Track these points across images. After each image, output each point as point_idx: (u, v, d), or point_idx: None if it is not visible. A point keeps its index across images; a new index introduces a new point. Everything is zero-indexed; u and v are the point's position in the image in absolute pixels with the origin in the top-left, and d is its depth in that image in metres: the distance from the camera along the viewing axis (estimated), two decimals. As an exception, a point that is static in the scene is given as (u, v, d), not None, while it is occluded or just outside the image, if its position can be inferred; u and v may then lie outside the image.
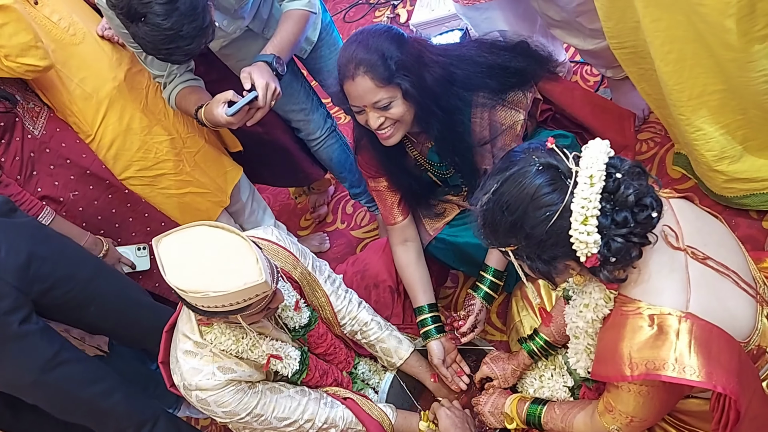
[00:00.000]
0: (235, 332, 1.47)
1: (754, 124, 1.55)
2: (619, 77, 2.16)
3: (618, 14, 1.58)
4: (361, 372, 1.79)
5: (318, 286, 1.67)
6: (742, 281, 1.16)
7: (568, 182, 1.05)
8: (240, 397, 1.48)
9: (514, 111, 1.60)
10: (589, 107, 1.85)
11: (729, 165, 1.65)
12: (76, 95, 1.83)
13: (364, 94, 1.49)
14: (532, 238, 1.08)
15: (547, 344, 1.54)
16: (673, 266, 1.12)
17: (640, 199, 1.05)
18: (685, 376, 1.04)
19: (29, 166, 1.80)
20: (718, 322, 1.08)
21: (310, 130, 2.15)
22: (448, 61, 1.55)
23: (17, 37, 1.63)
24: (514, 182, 1.09)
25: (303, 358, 1.60)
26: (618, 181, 1.04)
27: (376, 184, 1.79)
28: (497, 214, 1.11)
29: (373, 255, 1.95)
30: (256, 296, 1.31)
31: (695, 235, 1.16)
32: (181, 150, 2.01)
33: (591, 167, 1.04)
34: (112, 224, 1.99)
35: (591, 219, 1.03)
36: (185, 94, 1.77)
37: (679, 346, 1.05)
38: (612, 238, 1.04)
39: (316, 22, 1.95)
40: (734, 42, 1.36)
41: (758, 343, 1.16)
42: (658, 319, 1.07)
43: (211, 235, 1.34)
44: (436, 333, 1.74)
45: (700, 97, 1.54)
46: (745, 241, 1.73)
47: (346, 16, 3.60)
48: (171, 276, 1.28)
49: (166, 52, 1.52)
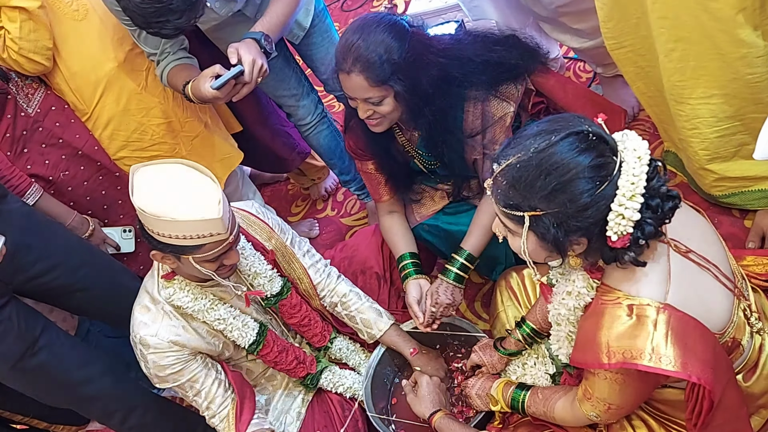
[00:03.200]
0: (194, 291, 1.53)
1: (752, 130, 1.57)
2: (609, 74, 2.19)
3: (619, 13, 1.59)
4: (336, 348, 1.81)
5: (294, 258, 1.71)
6: (721, 275, 1.19)
7: (615, 158, 1.06)
8: (175, 366, 1.52)
9: (506, 103, 1.62)
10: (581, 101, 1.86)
11: (720, 164, 1.68)
12: (75, 72, 1.83)
13: (356, 89, 1.51)
14: (571, 206, 1.06)
15: (533, 332, 1.56)
16: (655, 258, 1.14)
17: (669, 190, 1.09)
18: (661, 365, 1.06)
19: (20, 144, 1.80)
20: (695, 314, 1.11)
21: (301, 116, 2.16)
22: (446, 62, 1.54)
23: (35, 34, 1.70)
24: (568, 145, 1.06)
25: (261, 329, 1.63)
26: (656, 170, 1.07)
27: (363, 165, 1.82)
28: (536, 174, 1.07)
29: (361, 241, 1.97)
30: (210, 235, 1.36)
31: (679, 229, 1.18)
32: (178, 133, 2.01)
33: (639, 148, 1.05)
34: (101, 205, 1.99)
35: (637, 197, 1.04)
36: (176, 71, 1.77)
37: (656, 336, 1.07)
38: (645, 221, 1.06)
39: (309, 8, 1.96)
40: (745, 37, 1.39)
41: (733, 335, 1.20)
42: (636, 309, 1.10)
43: (185, 172, 1.41)
44: (415, 274, 1.75)
45: (700, 98, 1.56)
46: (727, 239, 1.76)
47: (344, 5, 3.60)
48: (137, 197, 1.35)
49: (157, 26, 1.53)
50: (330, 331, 1.80)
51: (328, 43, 2.03)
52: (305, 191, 2.79)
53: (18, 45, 1.68)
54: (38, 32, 1.71)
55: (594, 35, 2.02)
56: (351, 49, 1.47)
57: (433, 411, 1.58)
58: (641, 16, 1.56)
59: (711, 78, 1.52)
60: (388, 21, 1.50)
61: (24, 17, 1.67)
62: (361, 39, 1.47)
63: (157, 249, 1.43)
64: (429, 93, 1.53)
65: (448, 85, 1.56)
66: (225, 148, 2.15)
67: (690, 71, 1.54)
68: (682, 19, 1.45)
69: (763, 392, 1.30)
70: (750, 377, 1.26)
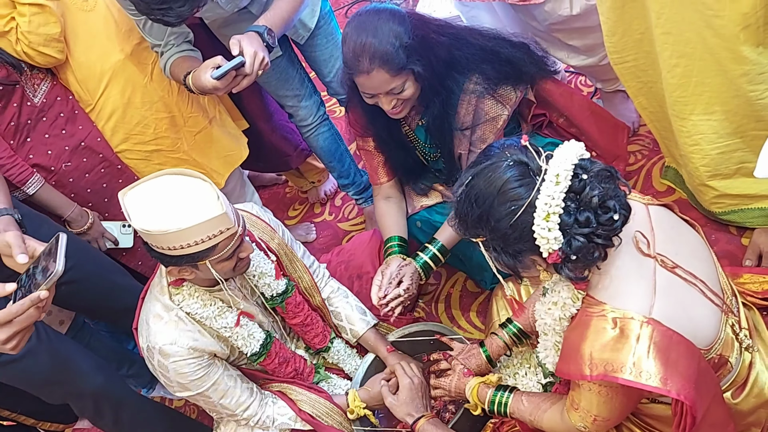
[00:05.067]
0: (203, 297, 1.51)
1: (753, 148, 1.58)
2: (610, 89, 2.20)
3: (623, 27, 1.60)
4: (335, 350, 1.80)
5: (295, 257, 1.72)
6: (709, 291, 1.19)
7: (537, 179, 1.08)
8: (197, 372, 1.50)
9: (500, 105, 1.63)
10: (587, 113, 1.88)
11: (721, 181, 1.69)
12: (80, 63, 1.83)
13: (379, 85, 1.52)
14: (498, 231, 1.11)
15: (520, 331, 1.56)
16: (641, 272, 1.15)
17: (603, 201, 1.07)
18: (640, 380, 1.07)
19: (24, 133, 1.80)
20: (681, 329, 1.11)
21: (302, 116, 2.17)
22: (448, 41, 1.57)
23: (45, 28, 1.71)
24: (485, 176, 1.12)
25: (266, 341, 1.63)
26: (584, 182, 1.07)
27: (364, 143, 1.82)
28: (467, 206, 1.14)
29: (358, 246, 1.97)
30: (220, 233, 1.34)
31: (668, 244, 1.19)
32: (181, 128, 2.01)
33: (559, 166, 1.06)
34: (102, 198, 1.98)
35: (553, 216, 1.06)
36: (179, 63, 1.77)
37: (638, 350, 1.08)
38: (574, 237, 1.07)
39: (314, 9, 1.97)
40: (748, 54, 1.40)
41: (720, 351, 1.20)
42: (621, 322, 1.10)
43: (173, 181, 1.38)
44: (398, 251, 1.75)
45: (701, 115, 1.57)
46: (724, 257, 1.79)
47: (347, 13, 3.62)
48: (136, 220, 1.32)
49: (159, 12, 1.53)
50: (330, 332, 1.80)
51: (333, 45, 2.04)
52: (303, 194, 2.79)
53: (28, 39, 1.69)
54: (48, 26, 1.71)
55: (590, 53, 2.04)
56: (364, 48, 1.48)
57: (417, 417, 1.57)
58: (645, 32, 1.57)
59: (713, 94, 1.53)
60: (384, 9, 1.53)
61: (35, 11, 1.68)
62: (369, 36, 1.48)
63: (172, 265, 1.40)
64: (440, 72, 1.55)
65: (451, 66, 1.58)
66: (229, 145, 2.14)
67: (692, 87, 1.55)
68: (686, 36, 1.47)
69: (752, 410, 1.30)
70: (739, 394, 1.27)
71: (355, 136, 1.85)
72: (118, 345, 2.35)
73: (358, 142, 1.84)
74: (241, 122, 2.27)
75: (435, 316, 2.11)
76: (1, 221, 1.45)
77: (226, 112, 2.18)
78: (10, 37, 1.69)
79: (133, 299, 1.69)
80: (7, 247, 1.32)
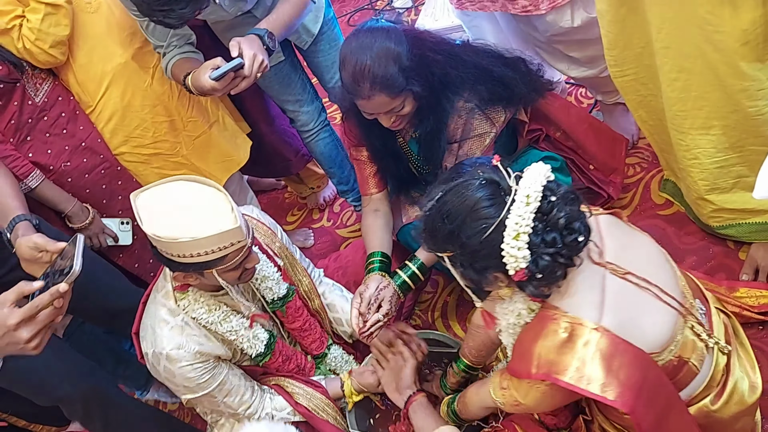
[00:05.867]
0: (208, 302, 1.51)
1: (750, 163, 1.59)
2: (610, 102, 2.21)
3: (624, 41, 1.61)
4: (332, 356, 1.80)
5: (295, 260, 1.73)
6: (664, 294, 1.22)
7: (507, 199, 1.11)
8: (204, 376, 1.51)
9: (489, 123, 1.64)
10: (584, 126, 1.88)
11: (719, 195, 1.69)
12: (82, 64, 1.83)
13: (380, 106, 1.54)
14: (467, 247, 1.15)
15: (468, 367, 1.63)
16: (592, 281, 1.18)
17: (569, 222, 1.11)
18: (580, 384, 1.10)
19: (24, 131, 1.80)
20: (629, 335, 1.14)
21: (303, 122, 2.17)
22: (443, 59, 1.58)
23: (56, 29, 1.72)
24: (457, 193, 1.15)
25: (270, 342, 1.63)
26: (552, 204, 1.10)
27: (357, 153, 1.82)
28: (438, 221, 1.17)
29: (356, 253, 1.97)
30: (231, 245, 1.34)
31: (619, 251, 1.23)
32: (180, 132, 2.01)
33: (529, 187, 1.10)
34: (100, 199, 1.98)
35: (523, 235, 1.09)
36: (180, 64, 1.78)
37: (582, 355, 1.12)
38: (540, 256, 1.10)
39: (318, 15, 1.98)
40: (747, 70, 1.40)
41: (678, 354, 1.22)
42: (571, 327, 1.14)
43: (188, 188, 1.38)
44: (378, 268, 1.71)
45: (700, 129, 1.58)
46: (720, 270, 1.79)
47: (350, 20, 3.63)
48: (148, 225, 1.31)
49: (161, 14, 1.54)
50: (327, 339, 1.80)
51: (335, 51, 2.04)
52: (302, 200, 2.79)
53: (35, 36, 1.69)
54: (59, 27, 1.73)
55: (591, 64, 2.05)
56: (364, 73, 1.47)
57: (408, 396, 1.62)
58: (645, 46, 1.58)
59: (712, 109, 1.54)
60: (381, 29, 1.52)
61: (49, 11, 1.69)
62: (368, 59, 1.47)
63: (178, 271, 1.40)
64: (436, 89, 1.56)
65: (445, 85, 1.58)
66: (228, 150, 2.14)
67: (691, 101, 1.55)
68: (686, 50, 1.47)
69: (736, 417, 1.31)
70: (717, 400, 1.28)
71: (348, 146, 1.84)
72: (114, 345, 2.34)
73: (352, 152, 1.83)
74: (243, 125, 2.28)
75: (431, 324, 2.11)
76: (21, 226, 1.48)
77: (229, 116, 2.18)
78: (12, 34, 1.69)
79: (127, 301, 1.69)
80: (33, 249, 1.36)
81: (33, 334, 1.05)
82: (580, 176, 1.92)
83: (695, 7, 1.37)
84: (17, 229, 1.47)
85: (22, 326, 1.04)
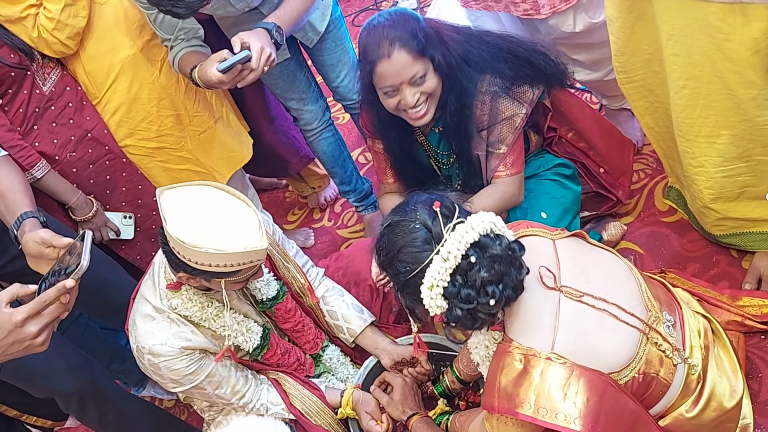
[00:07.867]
0: (201, 299, 1.51)
1: (757, 173, 1.58)
2: (615, 107, 2.21)
3: (633, 47, 1.61)
4: (327, 357, 1.79)
5: (288, 257, 1.71)
6: (624, 312, 1.23)
7: (435, 248, 1.15)
8: (189, 367, 1.50)
9: (518, 103, 1.64)
10: (597, 127, 1.89)
11: (723, 204, 1.69)
12: (90, 55, 1.83)
13: (402, 69, 1.54)
14: (396, 281, 1.23)
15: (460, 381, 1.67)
16: (545, 308, 1.20)
17: (485, 285, 1.13)
18: (538, 416, 1.13)
19: (31, 120, 1.80)
20: (585, 358, 1.16)
21: (307, 120, 2.17)
22: (462, 39, 1.60)
23: (75, 20, 1.74)
24: (393, 231, 1.22)
25: (264, 333, 1.62)
26: (472, 264, 1.13)
27: (374, 144, 1.86)
28: (378, 248, 1.26)
29: (357, 253, 1.96)
30: (250, 262, 1.34)
31: (576, 274, 1.25)
32: (186, 127, 2.01)
33: (454, 244, 1.13)
34: (104, 190, 1.98)
35: (437, 288, 1.13)
36: (187, 57, 1.77)
37: (538, 387, 1.14)
38: (456, 307, 1.14)
39: (325, 13, 1.97)
40: (757, 79, 1.40)
41: (643, 370, 1.22)
42: (525, 358, 1.16)
43: (216, 196, 1.37)
44: None
45: (707, 137, 1.57)
46: (723, 279, 1.78)
47: (355, 20, 3.63)
48: (173, 226, 1.29)
49: (169, 4, 1.53)
50: (323, 339, 1.79)
51: (341, 50, 2.04)
52: (303, 200, 2.78)
53: (53, 25, 1.69)
54: (77, 18, 1.74)
55: (595, 68, 2.05)
56: (383, 35, 1.53)
57: (410, 414, 1.62)
58: (654, 52, 1.58)
59: (720, 118, 1.53)
60: (397, 11, 1.58)
61: (69, 1, 1.70)
62: (387, 26, 1.53)
63: (185, 273, 1.38)
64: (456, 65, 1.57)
65: (467, 63, 1.60)
66: (232, 146, 2.14)
67: (699, 109, 1.55)
68: (695, 58, 1.47)
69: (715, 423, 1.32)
70: (693, 408, 1.29)
71: (366, 136, 1.88)
72: (111, 340, 2.33)
73: (369, 142, 1.87)
74: (243, 124, 2.27)
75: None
76: (28, 223, 1.48)
77: (233, 112, 2.18)
78: (26, 23, 1.69)
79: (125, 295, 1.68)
80: (40, 245, 1.35)
81: (40, 328, 1.04)
82: (589, 181, 1.93)
83: (706, 15, 1.37)
84: (24, 226, 1.47)
85: (29, 321, 1.03)
